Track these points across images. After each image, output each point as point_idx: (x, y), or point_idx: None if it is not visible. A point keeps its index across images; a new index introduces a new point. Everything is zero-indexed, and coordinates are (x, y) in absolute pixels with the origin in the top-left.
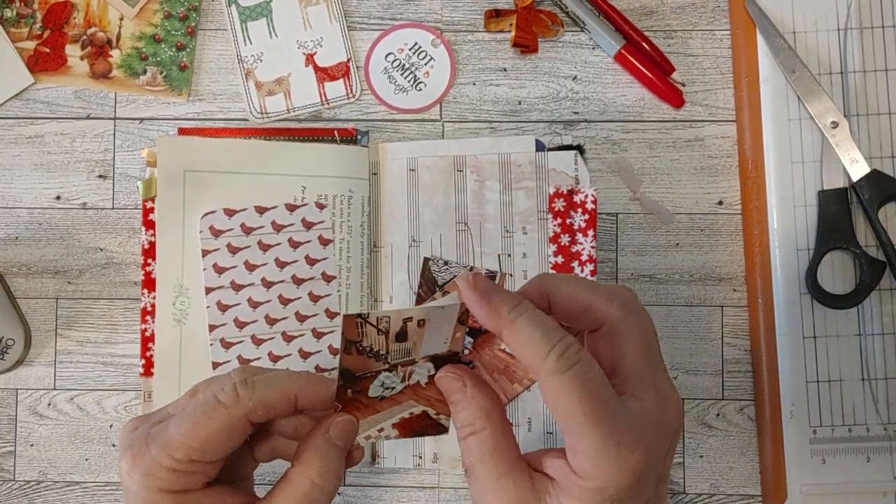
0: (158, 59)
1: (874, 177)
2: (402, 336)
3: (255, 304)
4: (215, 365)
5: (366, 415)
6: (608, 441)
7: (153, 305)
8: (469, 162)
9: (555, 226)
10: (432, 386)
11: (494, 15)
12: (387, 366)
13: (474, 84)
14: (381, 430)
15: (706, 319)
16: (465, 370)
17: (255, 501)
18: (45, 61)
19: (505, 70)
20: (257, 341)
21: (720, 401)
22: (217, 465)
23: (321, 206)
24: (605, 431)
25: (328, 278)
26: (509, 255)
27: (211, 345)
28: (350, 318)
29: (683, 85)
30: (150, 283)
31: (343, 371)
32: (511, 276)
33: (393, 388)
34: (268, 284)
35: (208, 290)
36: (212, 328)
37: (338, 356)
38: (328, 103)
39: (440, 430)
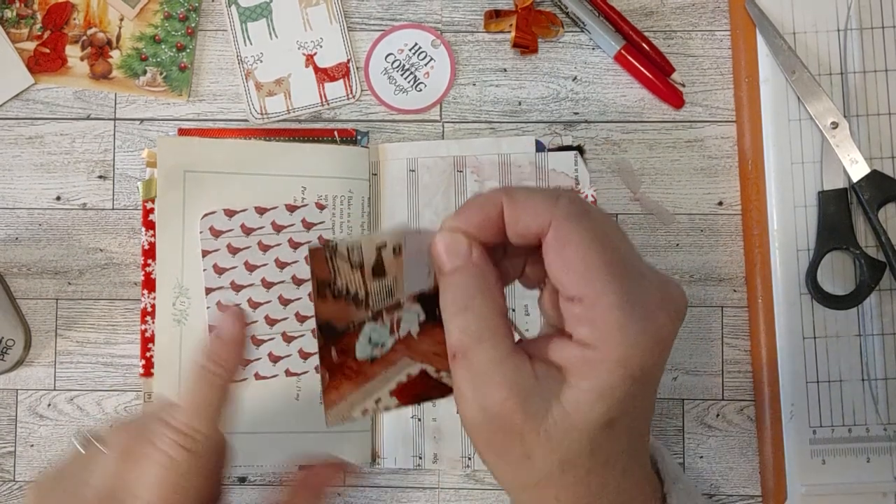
0: (158, 59)
1: (874, 177)
2: (379, 269)
3: (255, 305)
4: None
5: (359, 383)
6: (632, 297)
7: (153, 306)
8: (469, 162)
9: None
10: (426, 337)
11: (494, 15)
12: (370, 313)
13: (474, 85)
14: (378, 400)
15: (706, 319)
16: (469, 233)
17: None
18: (45, 62)
19: (505, 70)
20: (257, 342)
21: (720, 401)
22: None
23: (321, 207)
24: (629, 286)
25: None
26: None
27: None
28: (317, 252)
29: (683, 85)
30: (150, 284)
31: (322, 326)
32: None
33: (383, 345)
34: (268, 285)
35: (208, 291)
36: (212, 328)
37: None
38: (328, 104)
39: (443, 391)
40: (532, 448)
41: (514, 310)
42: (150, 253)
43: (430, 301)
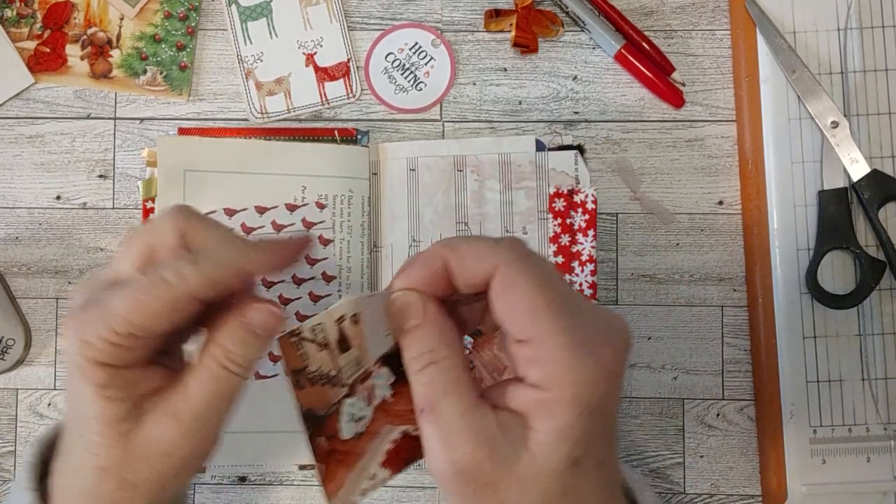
0: (159, 58)
1: (874, 177)
2: (343, 343)
3: None
4: None
5: (351, 465)
6: (577, 335)
7: None
8: (469, 162)
9: (555, 226)
10: (399, 398)
11: (494, 15)
12: (345, 389)
13: (474, 84)
14: (372, 476)
15: (706, 319)
16: (420, 291)
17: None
18: (45, 61)
19: (505, 70)
20: None
21: (720, 401)
22: (157, 341)
23: (321, 206)
24: (574, 324)
25: (328, 278)
26: None
27: None
28: (286, 341)
29: (683, 85)
30: None
31: (305, 415)
32: None
33: (363, 418)
34: (268, 284)
35: None
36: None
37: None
38: (328, 103)
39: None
40: (506, 496)
41: None
42: None
43: (395, 360)
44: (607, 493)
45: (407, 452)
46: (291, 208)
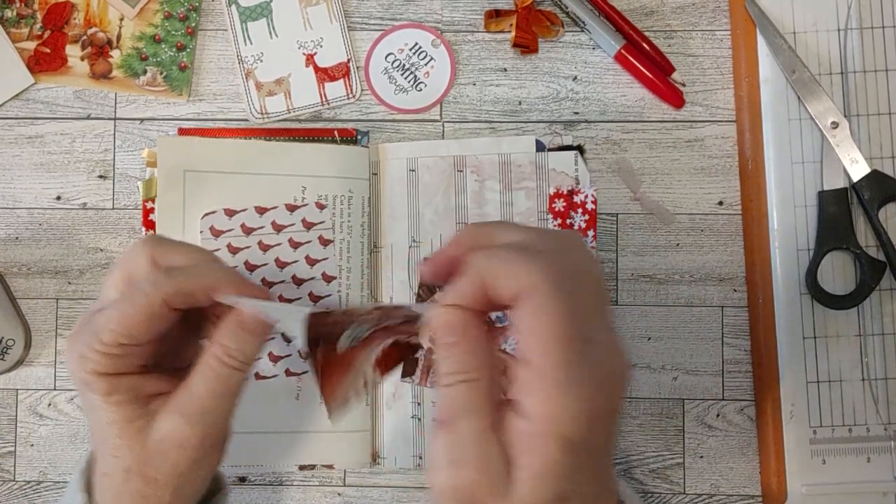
0: (159, 59)
1: (874, 177)
2: (365, 311)
3: None
4: None
5: (345, 372)
6: (572, 373)
7: None
8: (469, 162)
9: (555, 226)
10: (407, 325)
11: (494, 15)
12: (354, 323)
13: (474, 84)
14: (364, 380)
15: (706, 319)
16: (465, 307)
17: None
18: (45, 61)
19: (505, 70)
20: None
21: (720, 401)
22: (148, 349)
23: (321, 207)
24: (576, 360)
25: (328, 279)
26: None
27: None
28: (316, 315)
29: (683, 85)
30: None
31: (310, 341)
32: None
33: (361, 336)
34: (268, 285)
35: None
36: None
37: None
38: (328, 103)
39: (416, 349)
40: None
41: None
42: None
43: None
44: None
45: (396, 355)
46: (291, 208)
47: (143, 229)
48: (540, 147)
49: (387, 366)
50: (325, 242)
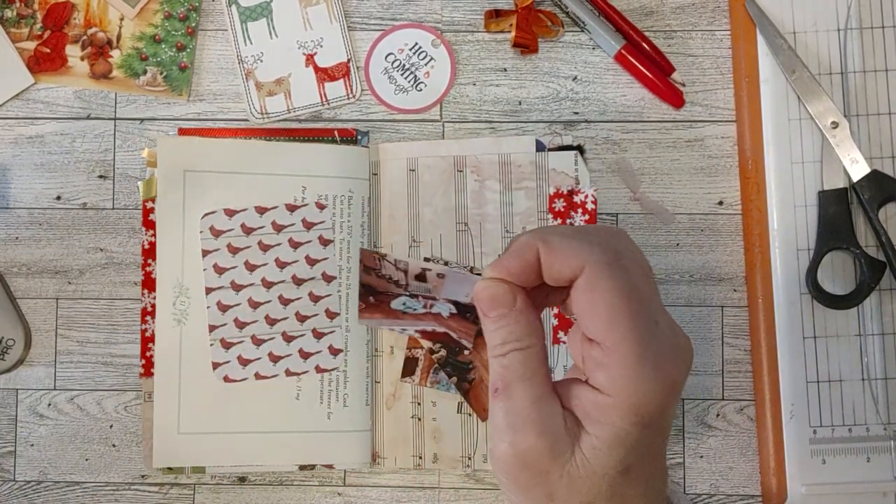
0: (159, 59)
1: (874, 177)
2: (421, 278)
3: (255, 305)
4: (215, 365)
5: (388, 316)
6: (647, 348)
7: (153, 305)
8: (469, 162)
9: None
10: (454, 319)
11: (494, 15)
12: (407, 293)
13: (474, 84)
14: (403, 328)
15: (706, 319)
16: (510, 282)
17: None
18: (45, 61)
19: (505, 70)
20: (257, 341)
21: (720, 401)
22: None
23: (321, 207)
24: (646, 336)
25: (328, 279)
26: None
27: (211, 345)
28: (367, 252)
29: (683, 85)
30: (150, 284)
31: (363, 284)
32: None
33: (414, 310)
34: (268, 285)
35: (208, 291)
36: (212, 328)
37: (338, 355)
38: (328, 103)
39: (461, 347)
40: (555, 489)
41: None
42: (150, 252)
43: (462, 307)
44: (651, 502)
45: (441, 337)
46: (291, 208)
47: (143, 229)
48: (540, 147)
49: (430, 336)
50: (325, 242)
